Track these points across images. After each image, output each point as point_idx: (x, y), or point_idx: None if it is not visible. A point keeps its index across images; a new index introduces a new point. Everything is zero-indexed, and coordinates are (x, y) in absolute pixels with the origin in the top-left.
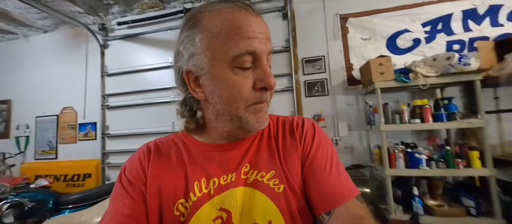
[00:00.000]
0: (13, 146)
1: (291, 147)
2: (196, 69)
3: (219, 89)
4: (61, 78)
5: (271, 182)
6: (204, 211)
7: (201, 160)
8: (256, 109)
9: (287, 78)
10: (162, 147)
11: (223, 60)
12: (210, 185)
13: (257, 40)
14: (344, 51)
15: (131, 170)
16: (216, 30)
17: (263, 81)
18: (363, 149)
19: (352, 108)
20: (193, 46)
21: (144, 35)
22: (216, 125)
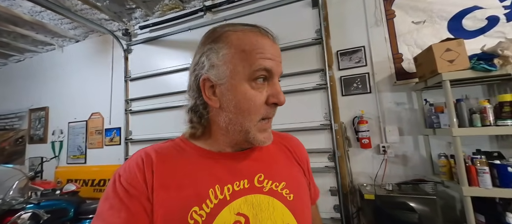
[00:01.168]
0: (50, 151)
1: (294, 163)
2: (215, 78)
3: (236, 99)
4: (90, 84)
5: (284, 191)
6: (223, 216)
7: (211, 168)
8: (263, 127)
9: (319, 74)
10: (166, 155)
11: (243, 73)
12: (224, 192)
13: (274, 61)
14: (389, 39)
15: (130, 180)
16: (242, 47)
17: (275, 97)
18: (421, 159)
19: (403, 108)
20: (217, 58)
21: (165, 37)
22: (225, 133)
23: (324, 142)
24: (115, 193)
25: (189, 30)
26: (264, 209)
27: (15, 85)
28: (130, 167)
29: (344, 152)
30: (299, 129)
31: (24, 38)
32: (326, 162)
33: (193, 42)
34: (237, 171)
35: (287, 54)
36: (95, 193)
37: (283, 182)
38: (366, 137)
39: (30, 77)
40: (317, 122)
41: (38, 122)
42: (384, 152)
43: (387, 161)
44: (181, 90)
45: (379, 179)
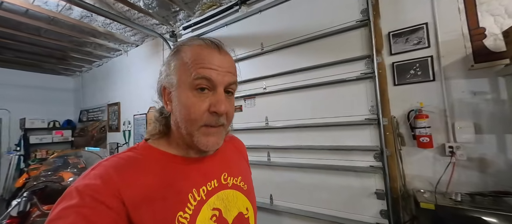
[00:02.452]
0: (122, 138)
1: (243, 160)
2: (168, 86)
3: (180, 106)
4: (147, 82)
5: (241, 183)
6: (203, 214)
7: (185, 173)
8: (207, 132)
9: (364, 62)
10: (135, 166)
11: (186, 81)
12: (200, 193)
13: (215, 71)
14: (465, 10)
15: (98, 195)
16: (186, 59)
17: (214, 106)
18: (508, 165)
19: (483, 99)
20: (169, 68)
21: (204, 35)
22: (179, 136)
23: (370, 139)
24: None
25: (226, 26)
26: (231, 200)
27: (97, 85)
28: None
29: (396, 151)
30: (340, 124)
31: (101, 47)
32: (371, 161)
33: (231, 37)
34: (207, 174)
35: (325, 42)
36: None
37: (239, 176)
38: (425, 134)
39: (106, 78)
40: (361, 116)
41: (113, 114)
42: (452, 153)
43: (455, 165)
44: None
45: (443, 186)
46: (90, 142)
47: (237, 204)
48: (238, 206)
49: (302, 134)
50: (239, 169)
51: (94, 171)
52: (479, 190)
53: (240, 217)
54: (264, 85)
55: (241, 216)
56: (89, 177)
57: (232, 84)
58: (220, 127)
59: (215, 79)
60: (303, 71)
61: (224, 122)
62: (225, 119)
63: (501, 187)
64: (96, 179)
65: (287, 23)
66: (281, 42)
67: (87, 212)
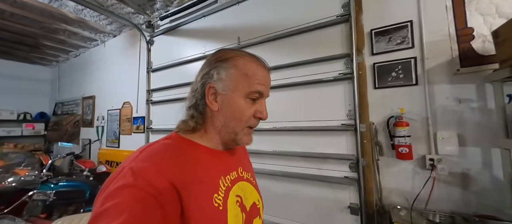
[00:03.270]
0: (95, 134)
1: (248, 158)
2: (220, 89)
3: (232, 108)
4: (123, 75)
5: (251, 178)
6: (230, 198)
7: (214, 163)
8: (248, 132)
9: (343, 61)
10: (176, 153)
11: (242, 90)
12: (226, 180)
13: (265, 86)
14: (453, 7)
15: (150, 177)
16: (244, 71)
17: (261, 113)
18: (495, 183)
19: (469, 107)
20: (225, 74)
21: (181, 26)
22: (218, 133)
23: (346, 147)
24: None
25: (203, 17)
26: (247, 190)
27: (74, 77)
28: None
29: (373, 161)
30: (316, 129)
31: (75, 35)
32: (346, 171)
33: (208, 29)
34: (229, 165)
35: (304, 38)
36: None
37: (249, 172)
38: (405, 144)
39: (83, 69)
40: (338, 121)
41: (88, 108)
42: (432, 167)
43: (436, 180)
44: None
45: (422, 203)
46: (63, 136)
47: (252, 195)
48: (252, 197)
49: (276, 138)
50: (248, 166)
51: (142, 154)
52: (461, 209)
53: (254, 207)
54: None
55: (255, 205)
56: (139, 160)
57: (267, 96)
58: (253, 129)
59: (264, 92)
60: (280, 69)
61: (257, 125)
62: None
63: (486, 208)
64: (147, 162)
65: (265, 16)
66: (258, 36)
67: (141, 194)
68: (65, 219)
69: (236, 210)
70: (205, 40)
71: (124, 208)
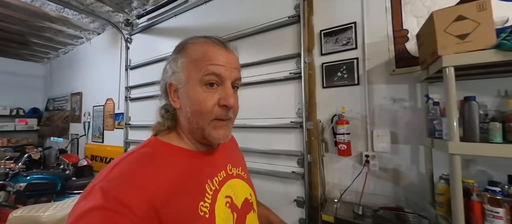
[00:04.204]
0: (82, 130)
1: (238, 150)
2: (176, 83)
3: (190, 101)
4: (107, 73)
5: (242, 173)
6: (219, 202)
7: (199, 166)
8: (217, 125)
9: (295, 60)
10: (155, 162)
11: (195, 78)
12: (214, 183)
13: (223, 67)
14: (391, 9)
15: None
16: (194, 56)
17: (224, 99)
18: (419, 178)
19: (401, 106)
20: (176, 66)
21: (156, 25)
22: (189, 131)
23: (295, 144)
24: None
25: (175, 17)
26: (237, 188)
27: (64, 73)
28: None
29: (318, 158)
30: (266, 127)
31: (61, 33)
32: (294, 167)
33: (180, 28)
34: (216, 165)
35: (261, 38)
36: None
37: (240, 166)
38: (344, 141)
39: (71, 66)
40: (288, 119)
41: (76, 104)
42: (367, 162)
43: (368, 175)
44: None
45: (357, 196)
46: (55, 132)
47: (243, 191)
48: (244, 193)
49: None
50: (238, 160)
51: (116, 169)
52: (391, 203)
53: (246, 202)
54: None
55: (247, 201)
56: (112, 176)
57: (237, 79)
58: (228, 121)
59: (224, 74)
60: (245, 68)
61: (232, 115)
62: (232, 113)
63: (412, 202)
64: (119, 179)
65: (229, 16)
66: (226, 35)
67: (113, 215)
68: (25, 208)
69: (225, 213)
70: (177, 39)
71: None
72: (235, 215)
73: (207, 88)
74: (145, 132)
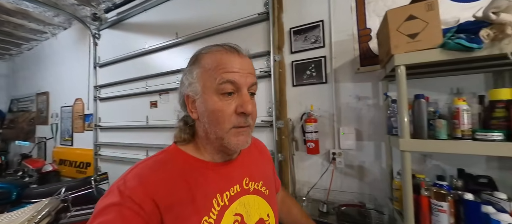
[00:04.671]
0: (50, 132)
1: (265, 163)
2: (193, 94)
3: (207, 111)
4: (75, 71)
5: (262, 188)
6: (226, 219)
7: (210, 178)
8: (237, 132)
9: (265, 58)
10: (169, 169)
11: (211, 87)
12: (224, 198)
13: (238, 73)
14: (356, 8)
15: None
16: (208, 66)
17: (242, 106)
18: (382, 174)
19: (365, 104)
20: (192, 77)
21: (126, 20)
22: (207, 141)
23: (266, 143)
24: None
25: (145, 11)
26: (252, 205)
27: (28, 71)
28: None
29: (289, 156)
30: None
31: (22, 27)
32: None
33: (149, 24)
34: (230, 178)
35: (227, 37)
36: (77, 174)
37: (261, 181)
38: (312, 139)
39: (37, 63)
40: (258, 118)
41: (42, 105)
42: (334, 159)
43: (334, 172)
44: (145, 75)
45: (325, 193)
46: (19, 135)
47: (259, 209)
48: (259, 212)
49: None
50: (261, 173)
51: (134, 171)
52: (358, 198)
53: (261, 222)
54: (177, 79)
55: (262, 222)
56: (129, 178)
57: (253, 85)
58: (247, 127)
59: (239, 81)
60: None
61: (251, 122)
62: (251, 120)
63: (375, 197)
64: (135, 180)
65: (200, 12)
66: (194, 32)
67: (126, 212)
68: None
69: None
70: (147, 35)
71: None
72: None
73: (223, 96)
74: (118, 134)
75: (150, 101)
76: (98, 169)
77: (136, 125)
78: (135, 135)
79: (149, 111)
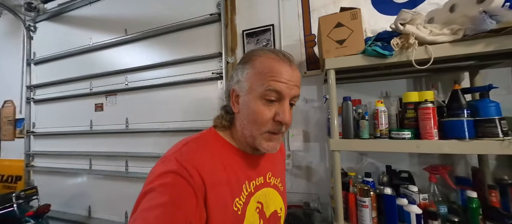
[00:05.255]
0: None
1: (283, 163)
2: (238, 90)
3: (248, 111)
4: (5, 68)
5: (280, 184)
6: (251, 204)
7: (242, 165)
8: (269, 137)
9: (217, 60)
10: (211, 150)
11: (257, 90)
12: (251, 186)
13: (284, 84)
14: (303, 15)
15: (190, 167)
16: (259, 70)
17: (280, 116)
18: (326, 173)
19: (312, 106)
20: (242, 75)
21: (68, 12)
22: (241, 135)
23: None
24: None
25: (90, 4)
26: (270, 197)
27: None
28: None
29: None
30: (190, 130)
31: None
32: None
33: (96, 18)
34: (257, 170)
35: (180, 36)
36: (4, 189)
37: (279, 178)
38: None
39: None
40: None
41: None
42: None
43: (289, 174)
44: (90, 74)
45: None
46: None
47: (275, 202)
48: (275, 205)
49: (162, 140)
50: (280, 171)
51: (186, 147)
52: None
53: (275, 215)
54: (126, 79)
55: (276, 213)
56: (183, 151)
57: (296, 97)
58: (280, 134)
59: (284, 91)
60: (168, 66)
61: (284, 130)
62: (285, 128)
63: (319, 196)
64: (188, 154)
65: (150, 8)
66: (145, 30)
67: (181, 180)
68: None
69: (254, 217)
70: (92, 30)
71: (167, 189)
72: (261, 222)
73: (266, 102)
74: (56, 141)
75: (95, 104)
76: (29, 183)
77: (78, 131)
78: (77, 142)
79: (93, 115)
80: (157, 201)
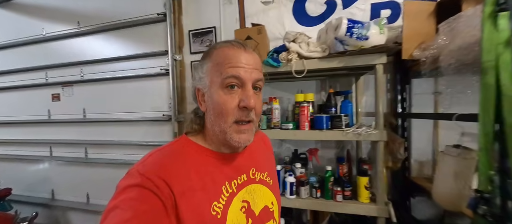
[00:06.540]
0: None
1: (270, 156)
2: (202, 87)
3: (213, 104)
4: None
5: (267, 178)
6: (234, 205)
7: (219, 167)
8: (239, 129)
9: (165, 57)
10: (181, 158)
11: (217, 81)
12: (232, 186)
13: (243, 69)
14: (240, 21)
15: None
16: (216, 61)
17: (244, 101)
18: None
19: None
20: (202, 71)
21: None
22: (212, 133)
23: (167, 136)
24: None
25: None
26: (257, 194)
27: None
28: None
29: None
30: (138, 120)
31: None
32: None
33: (48, 8)
34: (238, 169)
35: (130, 32)
36: None
37: (266, 171)
38: None
39: None
40: (160, 113)
41: None
42: None
43: None
44: (45, 65)
45: None
46: None
47: (264, 197)
48: (264, 200)
49: (118, 129)
50: (266, 165)
51: (151, 158)
52: None
53: (266, 210)
54: (82, 71)
55: (267, 209)
56: (147, 163)
57: (259, 80)
58: (250, 123)
59: (243, 76)
60: (121, 61)
61: (254, 117)
62: (254, 115)
63: None
64: (153, 166)
65: (102, 3)
66: (97, 24)
67: (145, 192)
68: None
69: (239, 218)
70: (45, 20)
71: (131, 204)
72: (250, 222)
73: (228, 90)
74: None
75: (51, 94)
76: None
77: (36, 120)
78: (36, 130)
79: (51, 105)
80: (120, 218)
